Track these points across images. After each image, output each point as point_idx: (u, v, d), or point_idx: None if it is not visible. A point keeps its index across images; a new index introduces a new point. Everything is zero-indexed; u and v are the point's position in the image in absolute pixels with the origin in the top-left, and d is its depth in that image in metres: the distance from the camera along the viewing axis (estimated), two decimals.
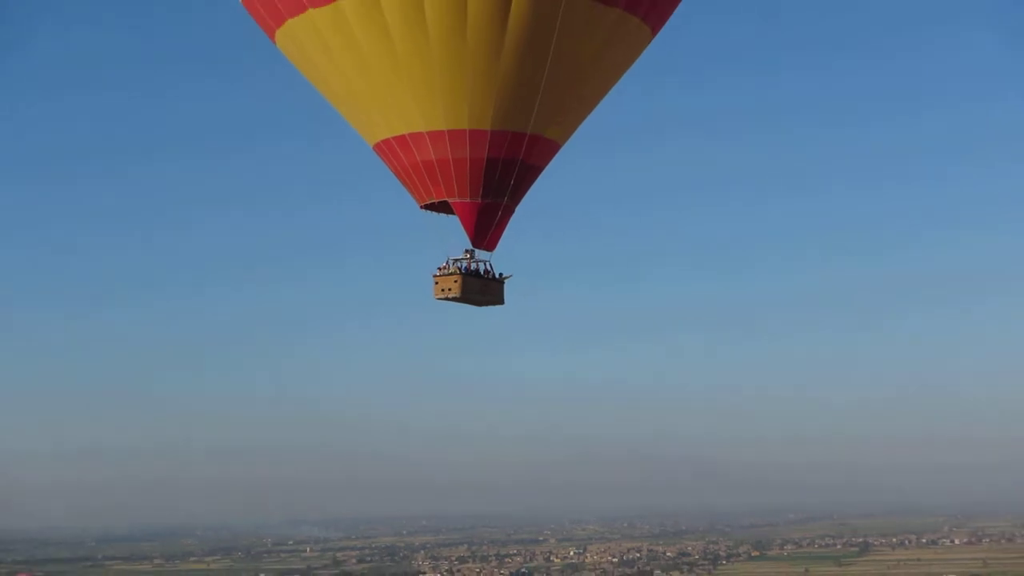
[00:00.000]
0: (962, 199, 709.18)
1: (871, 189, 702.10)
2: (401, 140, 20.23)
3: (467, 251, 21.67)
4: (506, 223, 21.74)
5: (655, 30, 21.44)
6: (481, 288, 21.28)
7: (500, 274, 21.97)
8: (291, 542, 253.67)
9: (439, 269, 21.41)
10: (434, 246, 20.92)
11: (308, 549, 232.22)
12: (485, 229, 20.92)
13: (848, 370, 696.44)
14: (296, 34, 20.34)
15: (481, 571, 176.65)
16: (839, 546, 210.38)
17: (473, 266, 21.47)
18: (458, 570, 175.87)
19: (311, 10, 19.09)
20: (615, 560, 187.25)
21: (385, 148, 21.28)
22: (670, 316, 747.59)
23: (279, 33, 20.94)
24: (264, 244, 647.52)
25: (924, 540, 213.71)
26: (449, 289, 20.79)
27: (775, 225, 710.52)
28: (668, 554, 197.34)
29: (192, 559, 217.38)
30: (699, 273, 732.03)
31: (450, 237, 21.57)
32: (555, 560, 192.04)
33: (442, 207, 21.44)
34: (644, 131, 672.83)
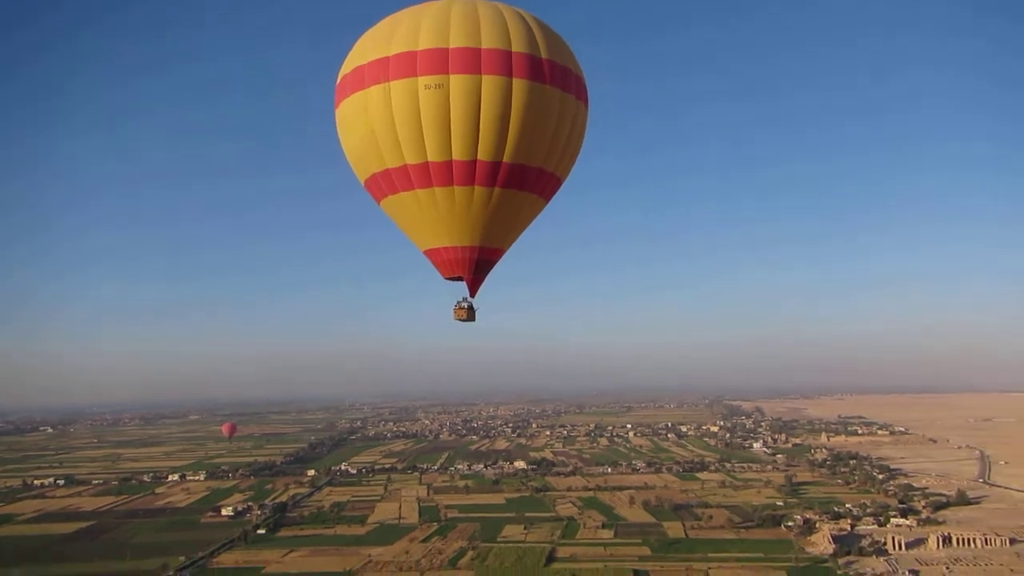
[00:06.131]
0: None
1: None
2: (440, 249, 41.60)
3: (464, 298, 43.39)
4: (480, 285, 43.37)
5: (547, 200, 43.01)
6: (469, 316, 43.63)
7: (474, 307, 44.14)
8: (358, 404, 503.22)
9: (456, 303, 43.43)
10: (453, 293, 43.59)
11: (365, 408, 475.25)
12: (474, 288, 42.64)
13: None
14: (393, 202, 40.93)
15: (447, 416, 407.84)
16: (617, 407, 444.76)
17: (467, 304, 43.65)
18: (436, 417, 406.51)
19: (402, 193, 39.59)
20: (510, 414, 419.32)
21: (430, 252, 42.37)
22: None
23: (383, 202, 41.46)
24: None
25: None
26: (459, 314, 43.81)
27: None
28: (537, 410, 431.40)
29: (303, 414, 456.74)
30: None
31: (459, 290, 43.27)
32: (482, 413, 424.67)
33: (454, 278, 42.58)
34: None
